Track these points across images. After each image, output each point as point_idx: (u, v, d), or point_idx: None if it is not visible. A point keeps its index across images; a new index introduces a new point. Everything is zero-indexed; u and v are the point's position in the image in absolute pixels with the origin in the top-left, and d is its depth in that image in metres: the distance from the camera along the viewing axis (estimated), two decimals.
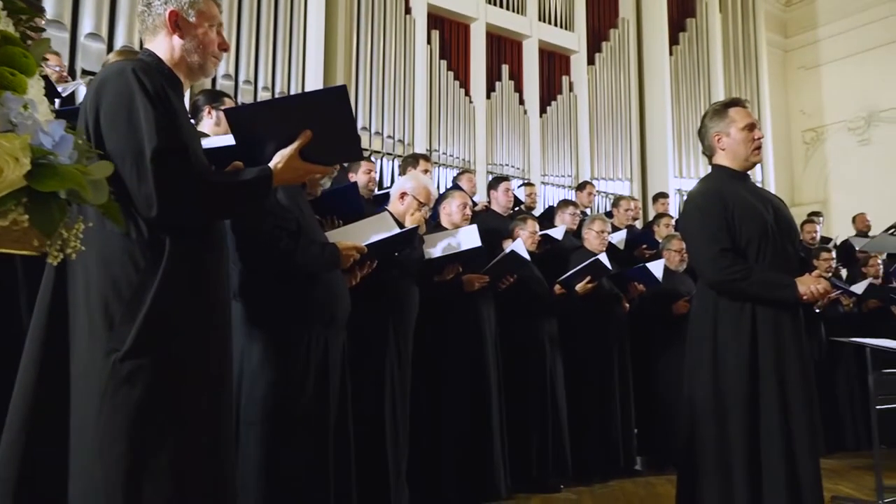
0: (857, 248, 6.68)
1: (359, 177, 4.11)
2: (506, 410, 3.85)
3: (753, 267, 2.31)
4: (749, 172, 2.64)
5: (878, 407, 3.93)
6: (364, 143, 6.42)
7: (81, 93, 3.55)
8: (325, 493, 2.26)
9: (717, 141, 2.56)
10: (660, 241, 5.30)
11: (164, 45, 1.77)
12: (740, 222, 2.37)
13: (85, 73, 4.77)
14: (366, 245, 2.46)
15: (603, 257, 4.18)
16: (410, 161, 4.51)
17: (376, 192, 4.38)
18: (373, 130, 6.51)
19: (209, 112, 2.99)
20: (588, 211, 6.10)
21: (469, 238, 3.39)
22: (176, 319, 1.58)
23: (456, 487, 3.53)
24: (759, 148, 2.54)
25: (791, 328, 2.30)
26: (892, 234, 2.09)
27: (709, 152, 2.63)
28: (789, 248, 2.44)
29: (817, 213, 7.28)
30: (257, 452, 2.15)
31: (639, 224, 6.47)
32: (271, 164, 1.75)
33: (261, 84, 5.87)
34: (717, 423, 2.27)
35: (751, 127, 2.51)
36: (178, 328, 1.58)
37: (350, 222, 2.91)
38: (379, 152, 6.49)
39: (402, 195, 3.08)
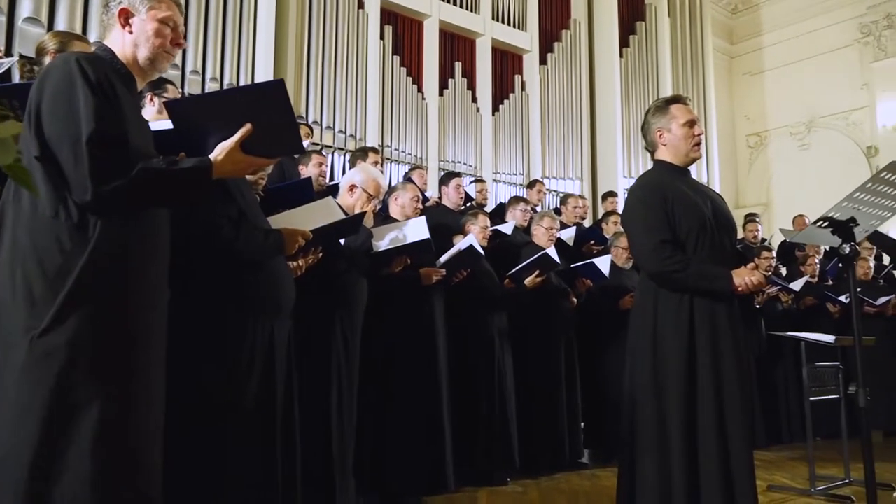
0: (786, 240, 6.91)
1: (309, 170, 4.07)
2: (454, 404, 3.86)
3: (691, 259, 2.37)
4: (690, 168, 2.71)
5: (811, 398, 4.07)
6: (315, 138, 6.37)
7: (16, 75, 3.44)
8: (272, 485, 2.23)
9: (659, 136, 2.61)
10: (608, 237, 5.39)
11: (118, 41, 1.84)
12: (680, 215, 2.42)
13: (23, 58, 4.61)
14: (311, 231, 2.41)
15: (551, 251, 4.22)
16: (360, 154, 4.49)
17: (327, 185, 4.35)
18: (324, 125, 6.46)
19: (151, 99, 2.92)
20: (538, 208, 6.16)
21: (417, 230, 3.38)
22: (98, 302, 1.60)
23: (403, 480, 3.52)
24: (698, 144, 2.60)
25: (726, 317, 2.37)
26: (820, 226, 2.16)
27: (651, 147, 2.69)
28: (726, 242, 2.51)
29: (754, 215, 7.53)
30: (201, 443, 2.10)
31: (588, 222, 6.58)
32: (211, 157, 1.77)
33: (209, 75, 5.77)
34: (656, 407, 2.33)
35: (691, 123, 2.57)
36: (99, 311, 1.60)
37: None
38: (330, 147, 6.45)
39: (352, 187, 3.05)
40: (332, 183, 4.36)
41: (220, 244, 2.18)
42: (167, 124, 1.89)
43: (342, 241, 3.00)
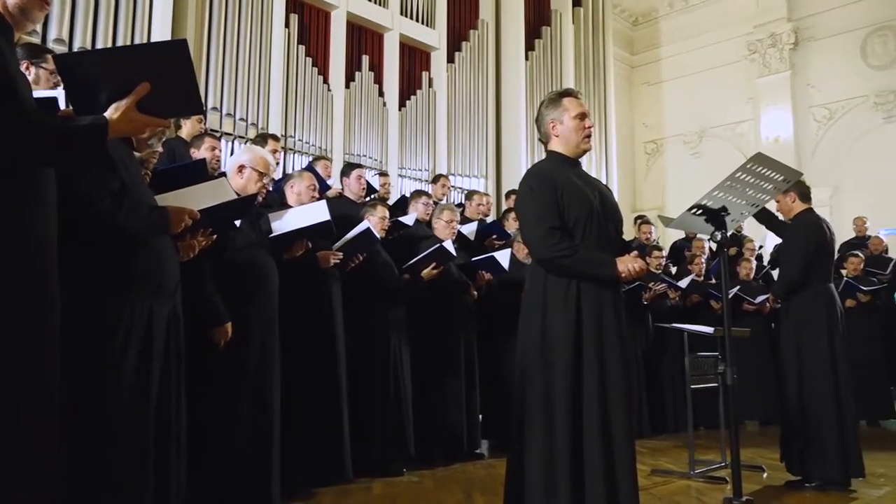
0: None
1: (201, 154, 3.88)
2: (352, 394, 3.83)
3: (579, 245, 2.44)
4: (582, 161, 2.80)
5: (692, 386, 4.30)
6: (214, 125, 6.17)
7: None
8: (142, 473, 2.13)
9: (552, 128, 2.68)
10: (511, 232, 5.50)
11: None
12: (569, 204, 2.49)
13: None
14: (199, 211, 2.32)
15: (447, 244, 4.26)
16: (259, 141, 4.39)
17: (220, 170, 4.20)
18: (224, 111, 6.27)
19: (27, 67, 2.74)
20: (443, 203, 6.21)
21: (317, 213, 3.32)
22: None
23: (302, 471, 3.46)
24: (589, 136, 2.69)
25: (612, 304, 2.46)
26: (694, 213, 2.29)
27: (544, 139, 2.76)
28: (612, 231, 2.61)
29: (642, 215, 7.90)
30: (70, 422, 1.97)
31: (492, 219, 6.67)
32: (106, 115, 1.71)
33: None
34: (544, 390, 2.39)
35: (582, 116, 2.65)
36: None
37: None
38: (230, 134, 6.26)
39: (241, 168, 2.95)
40: (223, 171, 4.23)
41: (99, 218, 2.07)
42: (48, 92, 1.81)
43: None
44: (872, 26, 10.17)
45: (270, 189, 3.65)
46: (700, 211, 2.26)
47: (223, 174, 3.82)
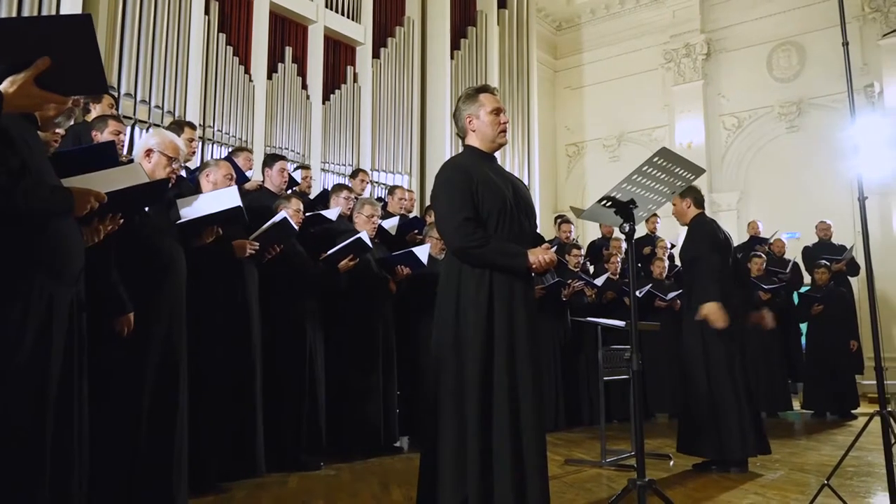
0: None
1: (104, 137, 3.62)
2: (267, 386, 3.78)
3: (492, 236, 2.49)
4: (498, 156, 2.86)
5: (605, 378, 4.45)
6: (128, 111, 5.94)
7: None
8: (38, 467, 2.03)
9: (469, 123, 2.73)
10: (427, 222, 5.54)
11: None
12: (483, 196, 2.55)
13: None
14: (108, 193, 2.21)
15: (364, 235, 4.25)
16: (174, 128, 4.24)
17: (123, 156, 4.04)
18: (138, 98, 6.03)
19: None
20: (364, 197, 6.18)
21: (228, 198, 3.25)
22: None
23: (213, 465, 3.38)
24: (504, 131, 2.75)
25: (522, 293, 2.53)
26: (604, 205, 2.37)
27: (462, 133, 2.80)
28: (525, 224, 2.67)
29: (562, 215, 8.11)
30: None
31: (414, 216, 6.70)
32: (1, 88, 1.65)
33: None
34: (456, 379, 2.43)
35: (497, 111, 2.71)
36: None
37: None
38: (145, 122, 6.03)
39: (148, 152, 2.85)
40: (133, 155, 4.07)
41: None
42: None
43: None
44: (778, 41, 10.77)
45: (183, 175, 3.54)
46: (610, 203, 2.35)
47: (130, 161, 3.68)
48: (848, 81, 2.66)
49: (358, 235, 4.21)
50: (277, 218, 3.71)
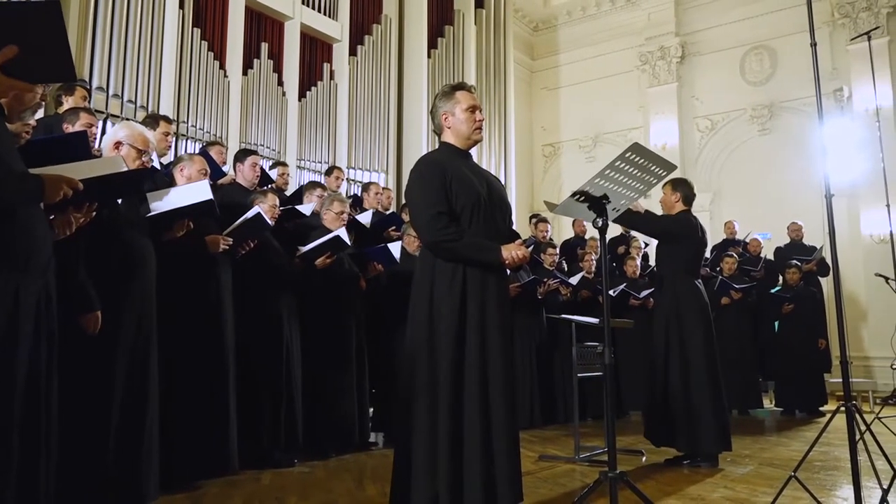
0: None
1: (76, 129, 3.59)
2: (240, 384, 3.75)
3: (465, 231, 2.51)
4: (472, 152, 2.87)
5: (579, 375, 4.48)
6: (100, 105, 5.85)
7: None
8: (4, 459, 1.99)
9: (445, 119, 2.75)
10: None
11: None
12: (457, 191, 2.56)
13: None
14: (83, 181, 2.11)
15: (342, 233, 4.23)
16: (150, 122, 4.19)
17: (96, 149, 3.98)
18: (111, 92, 5.95)
19: None
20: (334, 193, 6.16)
21: (199, 192, 3.21)
22: None
23: (186, 462, 3.34)
24: (479, 128, 2.76)
25: (495, 288, 2.54)
26: (577, 200, 2.39)
27: (438, 130, 2.82)
28: (499, 220, 2.69)
29: (537, 214, 8.16)
30: None
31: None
32: None
33: None
34: (429, 373, 2.44)
35: (473, 108, 2.73)
36: None
37: None
38: (117, 116, 5.95)
39: (117, 145, 2.79)
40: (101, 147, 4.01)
41: None
42: None
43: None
44: (750, 45, 10.94)
45: (157, 168, 3.50)
46: (583, 198, 2.37)
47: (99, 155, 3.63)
48: (816, 83, 2.71)
49: (336, 233, 4.19)
50: (251, 213, 3.68)
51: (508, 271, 2.67)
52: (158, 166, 4.01)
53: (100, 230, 2.67)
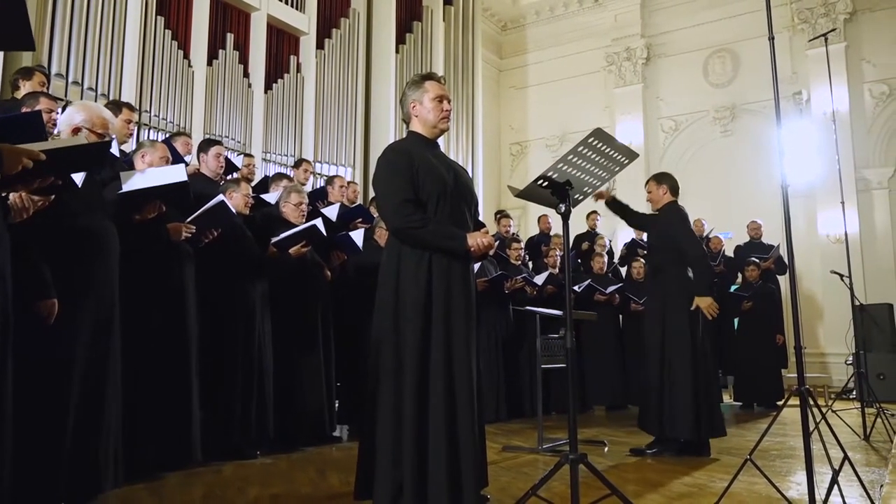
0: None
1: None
2: (210, 372, 3.71)
3: (431, 218, 2.52)
4: (439, 141, 2.88)
5: (543, 366, 4.53)
6: (59, 93, 5.72)
7: None
8: None
9: (413, 108, 2.76)
10: (376, 216, 5.50)
11: None
12: (423, 180, 2.57)
13: None
14: (45, 152, 1.99)
15: (319, 224, 4.20)
16: (112, 108, 4.11)
17: (54, 135, 3.89)
18: (70, 79, 5.82)
19: None
20: (307, 188, 6.12)
21: (174, 174, 3.15)
22: None
23: (148, 452, 3.29)
24: (446, 118, 2.78)
25: (460, 275, 2.56)
26: (540, 185, 2.42)
27: (406, 119, 2.83)
28: (464, 208, 2.71)
29: (501, 210, 8.22)
30: None
31: None
32: None
33: None
34: (395, 360, 2.44)
35: (441, 98, 2.74)
36: None
37: None
38: None
39: (76, 130, 2.72)
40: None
41: None
42: None
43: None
44: (714, 47, 11.16)
45: (117, 156, 3.44)
46: (546, 183, 2.39)
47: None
48: (774, 77, 2.77)
49: (312, 223, 4.16)
50: (214, 201, 3.63)
51: (474, 260, 2.68)
52: (118, 154, 3.93)
53: (56, 213, 2.60)
